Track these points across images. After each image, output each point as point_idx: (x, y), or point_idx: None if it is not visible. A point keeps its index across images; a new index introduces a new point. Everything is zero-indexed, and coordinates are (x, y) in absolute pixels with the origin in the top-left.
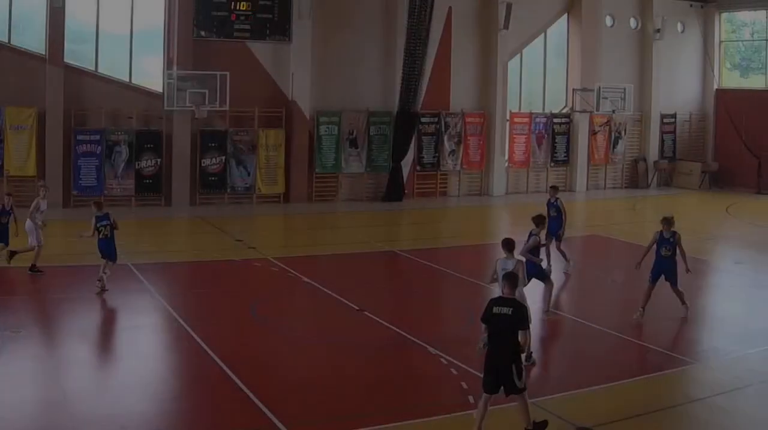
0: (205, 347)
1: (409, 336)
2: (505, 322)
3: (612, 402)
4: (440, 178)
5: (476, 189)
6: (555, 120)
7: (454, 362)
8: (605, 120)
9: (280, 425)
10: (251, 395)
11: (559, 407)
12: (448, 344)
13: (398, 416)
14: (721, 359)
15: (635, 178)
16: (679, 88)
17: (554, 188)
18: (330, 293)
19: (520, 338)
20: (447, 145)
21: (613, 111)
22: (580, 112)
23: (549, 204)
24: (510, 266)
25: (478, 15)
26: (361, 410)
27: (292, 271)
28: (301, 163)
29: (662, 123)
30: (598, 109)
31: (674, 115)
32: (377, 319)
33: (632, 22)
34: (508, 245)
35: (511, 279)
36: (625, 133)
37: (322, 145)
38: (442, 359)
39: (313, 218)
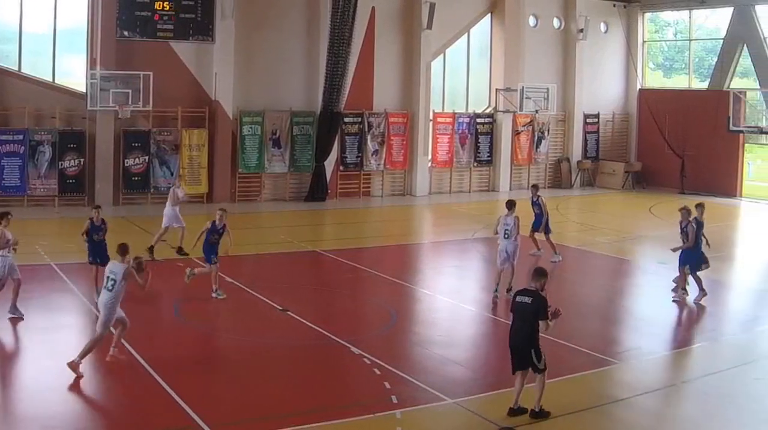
0: (129, 347)
1: (332, 336)
2: (524, 310)
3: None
4: (363, 179)
5: (399, 189)
6: (478, 120)
7: (377, 362)
8: (528, 120)
9: (203, 425)
10: (174, 396)
11: (483, 407)
12: (371, 344)
13: (322, 417)
14: (644, 359)
15: (558, 179)
16: (602, 88)
17: (535, 187)
18: (253, 293)
19: (541, 326)
20: (370, 145)
21: (537, 111)
22: (503, 112)
23: (532, 203)
24: (510, 221)
25: (401, 15)
26: (284, 410)
27: None
28: (224, 163)
29: (585, 123)
30: (521, 109)
31: (597, 115)
32: (300, 319)
33: (555, 22)
34: (510, 204)
35: (537, 274)
36: (548, 134)
37: (245, 145)
38: (365, 359)
39: (236, 218)
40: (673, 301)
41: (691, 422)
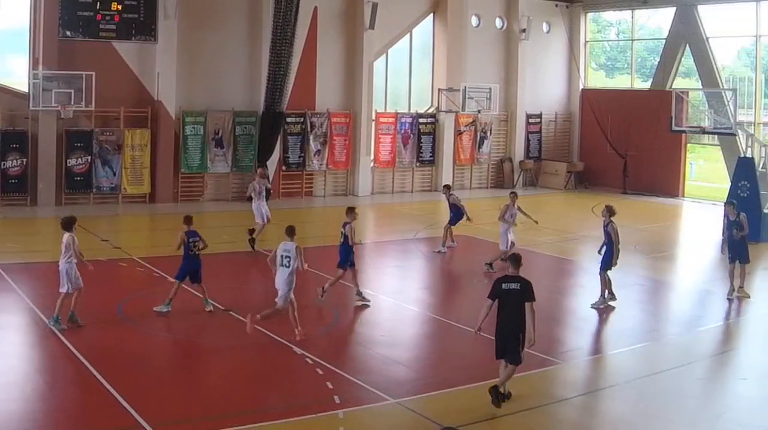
0: (71, 346)
1: (274, 336)
2: (515, 296)
3: (478, 402)
4: (306, 179)
5: (342, 189)
6: (421, 120)
7: (320, 362)
8: (471, 120)
9: (145, 425)
10: (117, 395)
11: (425, 407)
12: (314, 344)
13: (264, 417)
14: (587, 359)
15: (501, 179)
16: (544, 88)
17: (447, 187)
18: (196, 293)
19: (527, 308)
20: (312, 145)
21: (479, 111)
22: (445, 112)
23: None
24: (515, 210)
25: (344, 15)
26: (227, 410)
27: (157, 271)
28: (166, 163)
29: (528, 123)
30: (463, 109)
31: (540, 115)
32: (243, 319)
33: (498, 22)
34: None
35: (515, 260)
36: (490, 133)
37: (188, 145)
38: (307, 359)
39: (179, 218)
40: (592, 307)
41: (634, 422)
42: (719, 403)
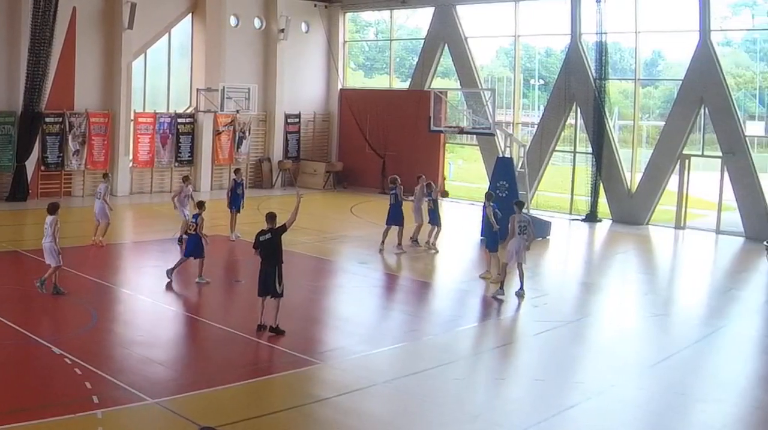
0: None
1: (33, 336)
2: (270, 244)
3: (237, 402)
4: (65, 178)
5: None
6: (179, 120)
7: (79, 362)
8: (229, 120)
9: None
10: None
11: (184, 407)
12: (72, 344)
13: (21, 417)
14: (346, 359)
15: (260, 179)
16: (303, 88)
17: (393, 180)
18: None
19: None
20: (71, 145)
21: (238, 111)
22: (204, 112)
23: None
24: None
25: (102, 15)
26: None
27: None
28: None
29: (286, 123)
30: (222, 109)
31: (298, 115)
32: (0, 319)
33: (257, 22)
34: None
35: (272, 217)
36: (249, 133)
37: None
38: (66, 359)
39: None
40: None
41: (393, 421)
42: (477, 403)
